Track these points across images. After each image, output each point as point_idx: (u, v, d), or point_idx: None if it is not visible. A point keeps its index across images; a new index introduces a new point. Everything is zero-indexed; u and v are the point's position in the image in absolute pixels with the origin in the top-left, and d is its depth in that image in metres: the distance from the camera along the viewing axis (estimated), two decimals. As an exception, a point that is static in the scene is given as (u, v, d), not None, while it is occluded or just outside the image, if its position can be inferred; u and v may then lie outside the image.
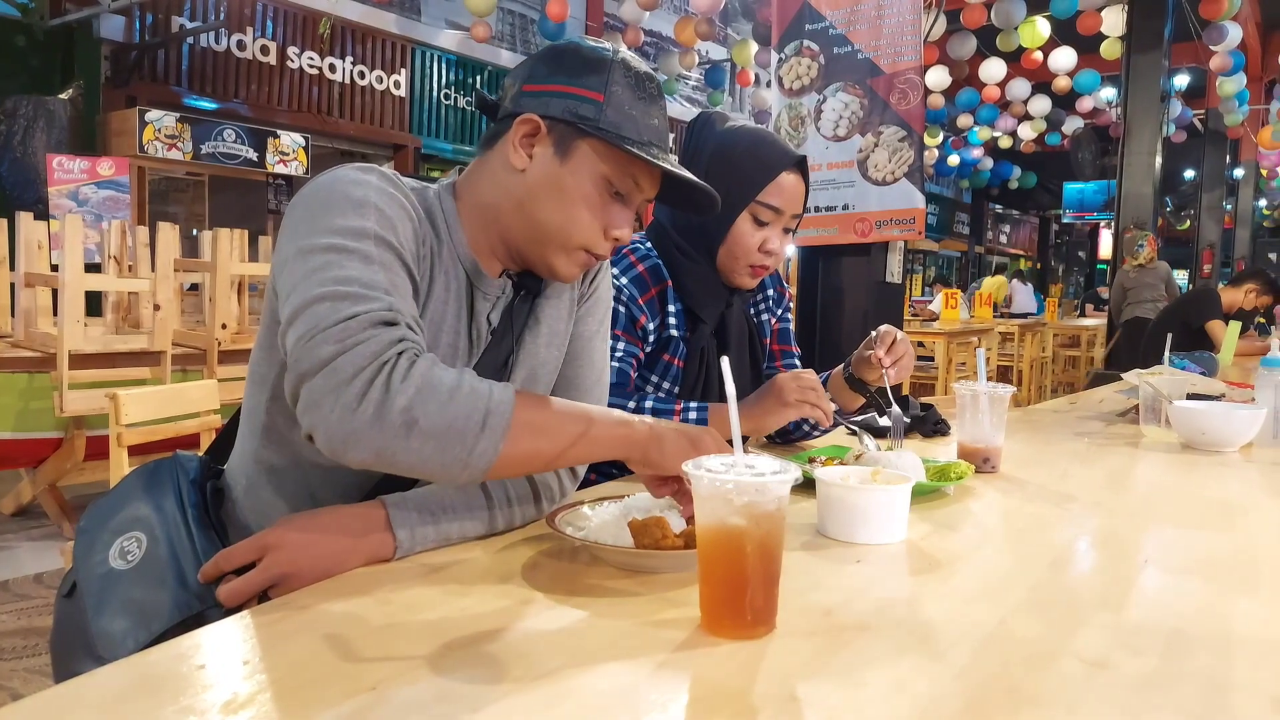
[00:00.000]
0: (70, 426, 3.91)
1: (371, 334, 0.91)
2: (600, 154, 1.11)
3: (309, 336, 0.91)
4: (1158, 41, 7.36)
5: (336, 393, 0.89)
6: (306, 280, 0.95)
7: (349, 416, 0.89)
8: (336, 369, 0.89)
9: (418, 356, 0.92)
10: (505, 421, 0.93)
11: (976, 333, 7.85)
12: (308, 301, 0.93)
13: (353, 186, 1.03)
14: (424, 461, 0.92)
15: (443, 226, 1.15)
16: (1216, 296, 5.56)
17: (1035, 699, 0.70)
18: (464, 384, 0.93)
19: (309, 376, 0.91)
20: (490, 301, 1.19)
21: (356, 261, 0.97)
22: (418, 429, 0.90)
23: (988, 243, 24.73)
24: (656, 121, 1.14)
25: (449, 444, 0.91)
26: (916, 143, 4.34)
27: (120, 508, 1.12)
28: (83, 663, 0.96)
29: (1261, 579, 1.04)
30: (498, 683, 0.71)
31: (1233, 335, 4.13)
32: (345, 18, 9.79)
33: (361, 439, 0.89)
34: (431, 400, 0.90)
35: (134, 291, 4.71)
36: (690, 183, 1.16)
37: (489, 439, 0.92)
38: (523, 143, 1.12)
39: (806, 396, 1.53)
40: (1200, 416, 1.88)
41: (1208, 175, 14.54)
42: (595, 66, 1.11)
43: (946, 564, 1.05)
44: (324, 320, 0.91)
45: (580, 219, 1.13)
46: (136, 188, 8.05)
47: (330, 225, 0.99)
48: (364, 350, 0.90)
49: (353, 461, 0.92)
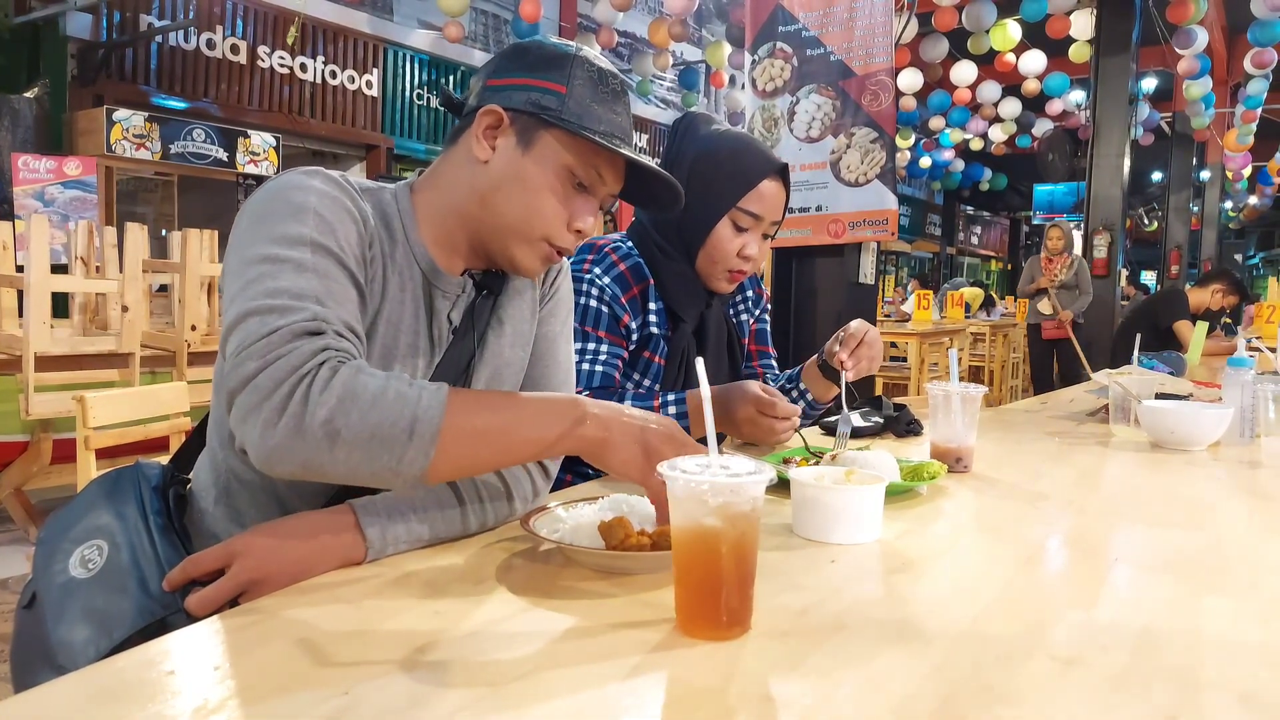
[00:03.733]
0: (37, 429, 3.86)
1: (293, 346, 0.91)
2: (563, 144, 1.12)
3: (237, 353, 0.92)
4: (1126, 45, 7.45)
5: (258, 409, 0.89)
6: (241, 294, 0.95)
7: (270, 432, 0.89)
8: (258, 385, 0.89)
9: (341, 365, 0.91)
10: (434, 428, 0.91)
11: (949, 333, 7.91)
12: (239, 317, 0.94)
13: (293, 192, 1.03)
14: (353, 471, 0.91)
15: (398, 226, 1.15)
16: (1184, 297, 5.63)
17: (1008, 697, 0.70)
18: (389, 390, 0.91)
19: (236, 393, 0.91)
20: (450, 300, 1.18)
21: (289, 271, 0.97)
22: (341, 440, 0.89)
23: (959, 244, 24.94)
24: (619, 117, 1.15)
25: (375, 453, 0.90)
26: (888, 144, 4.36)
27: (81, 517, 1.10)
28: (42, 673, 0.94)
29: (1230, 577, 1.05)
30: (472, 686, 0.70)
31: (1200, 335, 4.18)
32: (317, 17, 9.72)
33: (285, 453, 0.89)
34: (353, 409, 0.89)
35: (101, 293, 4.65)
36: (654, 175, 1.16)
37: (417, 446, 0.91)
38: (486, 134, 1.12)
39: (759, 423, 1.53)
40: (1169, 416, 1.91)
41: (1175, 177, 14.74)
42: (558, 61, 1.12)
43: (920, 563, 1.06)
44: (250, 336, 0.92)
45: (542, 210, 1.13)
46: (104, 188, 7.94)
47: (268, 233, 1.00)
48: (284, 364, 0.89)
49: (282, 475, 0.92)
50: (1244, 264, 23.26)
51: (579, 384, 1.60)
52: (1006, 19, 9.28)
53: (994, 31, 9.34)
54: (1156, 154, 15.86)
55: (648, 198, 1.24)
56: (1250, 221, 21.95)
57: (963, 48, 9.94)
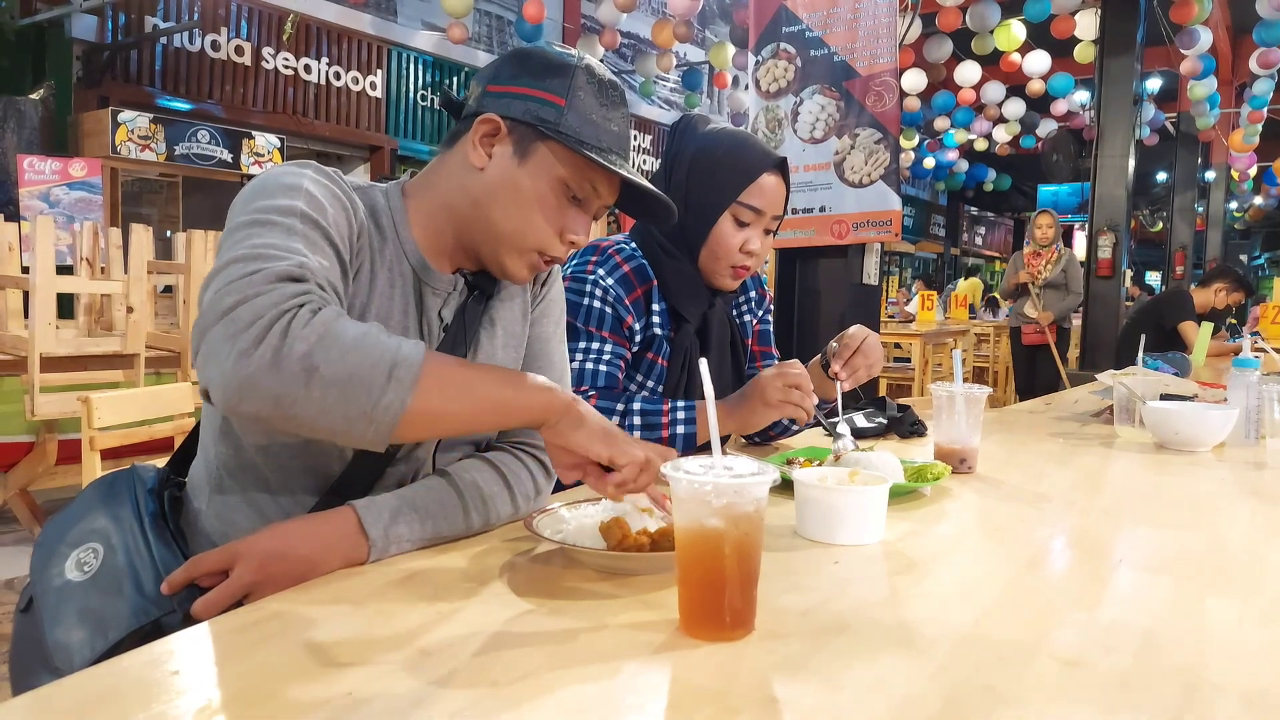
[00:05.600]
0: (42, 430, 3.86)
1: (275, 286, 0.88)
2: (559, 157, 1.12)
3: (214, 293, 0.89)
4: (1130, 45, 7.42)
5: (233, 339, 0.85)
6: (227, 252, 0.94)
7: (244, 361, 0.84)
8: (235, 317, 0.86)
9: (324, 306, 0.89)
10: (414, 374, 0.89)
11: (952, 334, 7.90)
12: (221, 265, 0.92)
13: (285, 175, 1.04)
14: (325, 413, 0.87)
15: (388, 224, 1.15)
16: (1189, 298, 5.61)
17: (1011, 698, 0.70)
18: (370, 333, 0.89)
19: (210, 327, 0.87)
20: (440, 297, 1.18)
21: (277, 232, 0.96)
22: (318, 376, 0.85)
23: (963, 244, 24.91)
24: (617, 128, 1.15)
25: (352, 394, 0.87)
26: (892, 145, 4.36)
27: (77, 520, 1.10)
28: (39, 676, 0.94)
29: (1234, 578, 1.05)
30: (474, 687, 0.70)
31: (1205, 336, 4.18)
32: (320, 18, 9.73)
33: (257, 385, 0.85)
34: (334, 347, 0.86)
35: (106, 294, 4.66)
36: (647, 190, 1.17)
37: (395, 391, 0.88)
38: (482, 142, 1.12)
39: (789, 396, 1.52)
40: (1174, 417, 1.90)
41: (1180, 178, 14.70)
42: (559, 70, 1.12)
43: (923, 564, 1.06)
44: (231, 277, 0.89)
45: (535, 221, 1.13)
46: (109, 189, 7.96)
47: (259, 206, 0.99)
48: (265, 300, 0.87)
49: (248, 412, 0.87)
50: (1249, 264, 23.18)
51: (583, 383, 1.60)
52: (1011, 19, 9.27)
53: (998, 32, 9.33)
54: (1161, 154, 15.83)
55: (642, 209, 1.24)
56: (1255, 222, 21.89)
57: (967, 48, 9.92)
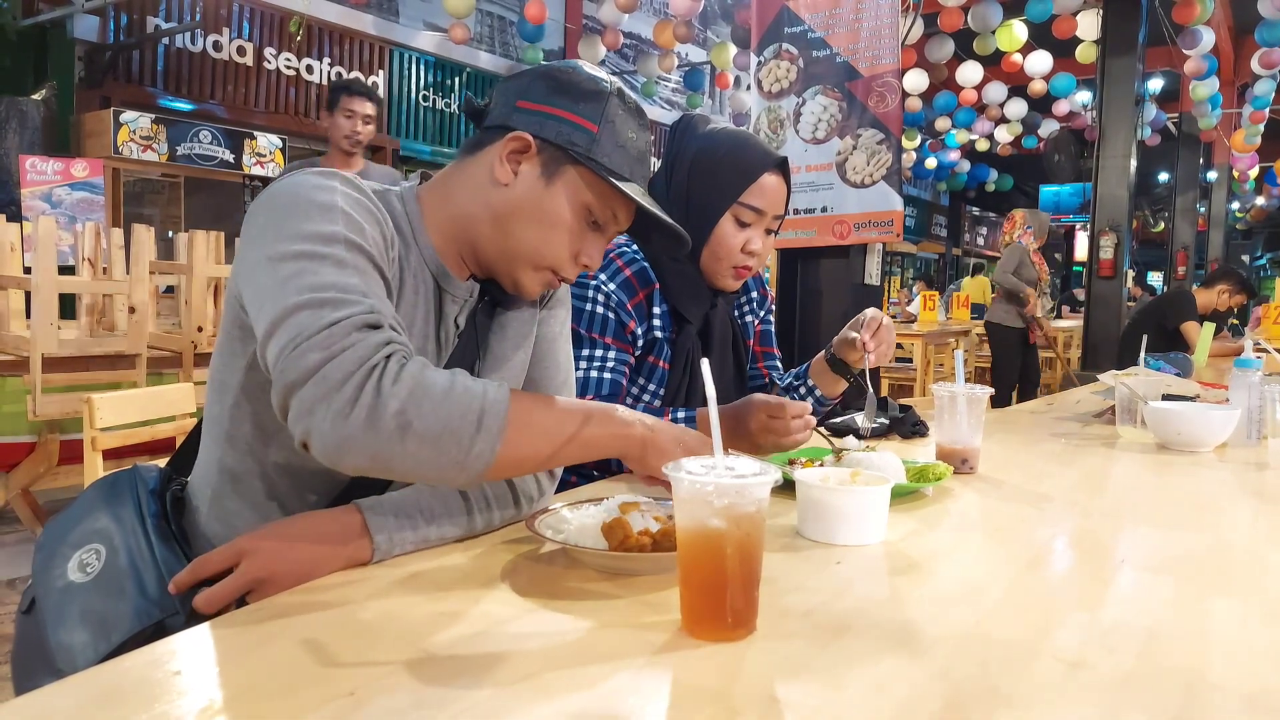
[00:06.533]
0: (44, 430, 3.86)
1: (357, 338, 0.89)
2: (586, 182, 1.12)
3: (293, 346, 0.89)
4: (1132, 46, 7.42)
5: (328, 400, 0.87)
6: (281, 289, 0.93)
7: (342, 423, 0.87)
8: (325, 376, 0.87)
9: (407, 359, 0.91)
10: (501, 421, 0.92)
11: (954, 334, 7.89)
12: (286, 311, 0.91)
13: (317, 191, 1.02)
14: (420, 465, 0.90)
15: (408, 230, 1.15)
16: (1192, 298, 5.61)
17: (1013, 699, 0.70)
18: (457, 384, 0.92)
19: (298, 386, 0.88)
20: (459, 304, 1.19)
21: (330, 267, 0.95)
22: (412, 431, 0.88)
23: (965, 245, 24.89)
24: (640, 151, 1.16)
25: (445, 446, 0.90)
26: (894, 145, 4.36)
27: (79, 521, 1.10)
28: (42, 677, 0.94)
29: (1236, 578, 1.05)
30: (477, 688, 0.70)
31: (1206, 337, 4.17)
32: (322, 19, 9.73)
33: (356, 445, 0.88)
34: (425, 401, 0.89)
35: (108, 294, 4.66)
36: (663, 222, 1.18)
37: (485, 439, 0.91)
38: (510, 158, 1.12)
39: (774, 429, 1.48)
40: (1175, 417, 1.90)
41: (1182, 178, 14.68)
42: (593, 96, 1.12)
43: (925, 565, 1.06)
44: (307, 328, 0.89)
45: (555, 242, 1.13)
46: (111, 189, 7.95)
47: (298, 231, 0.97)
48: (352, 355, 0.88)
49: (348, 468, 0.90)
50: (1251, 265, 23.16)
51: (587, 392, 1.59)
52: (1012, 19, 9.26)
53: (1000, 32, 9.32)
54: (1163, 155, 15.80)
55: (654, 236, 1.27)
56: (1257, 222, 21.86)
57: (969, 48, 9.91)
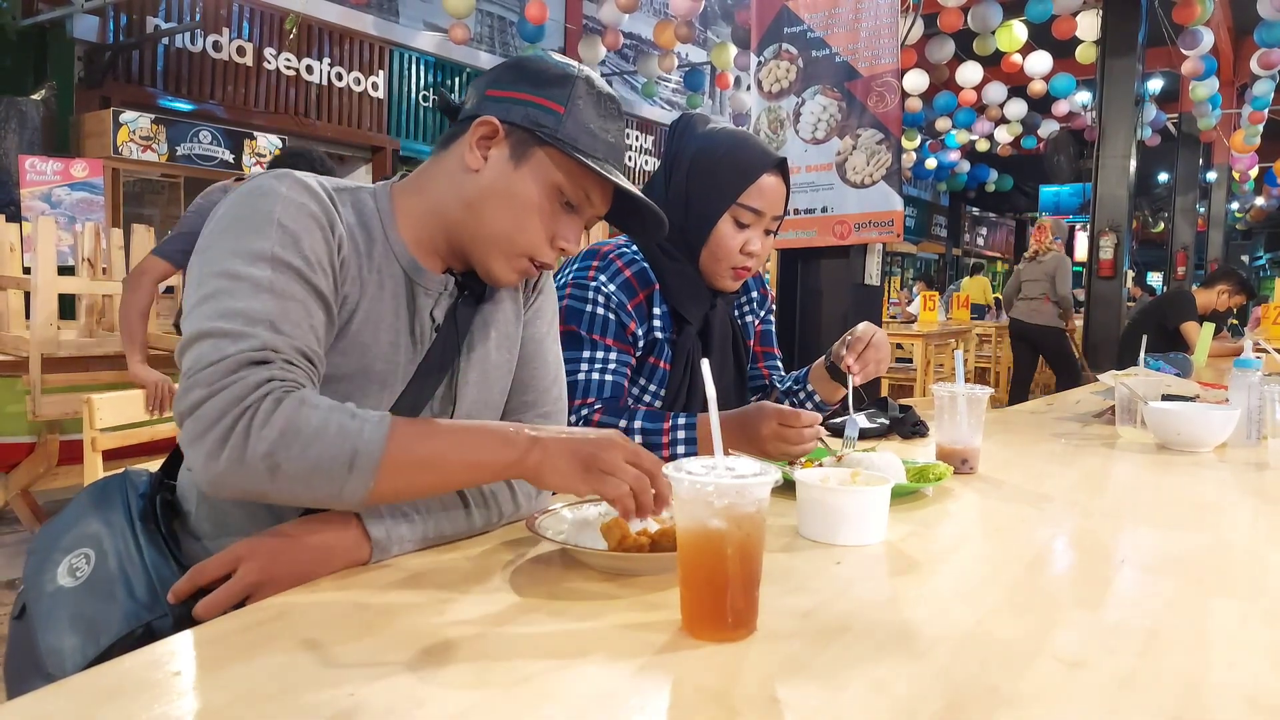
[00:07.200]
0: (43, 431, 3.86)
1: (239, 376, 0.93)
2: (555, 162, 1.13)
3: (186, 377, 0.94)
4: (1132, 46, 7.42)
5: (202, 438, 0.91)
6: (197, 310, 0.97)
7: (213, 462, 0.91)
8: (202, 415, 0.92)
9: (285, 396, 0.93)
10: (374, 461, 0.93)
11: (954, 334, 7.90)
12: (192, 338, 0.96)
13: (259, 199, 1.04)
14: (295, 499, 0.95)
15: (376, 225, 1.15)
16: (1192, 299, 5.61)
17: (1014, 699, 0.70)
18: (330, 424, 0.93)
19: (183, 419, 0.93)
20: (432, 298, 1.18)
21: (245, 291, 0.98)
22: (281, 472, 0.92)
23: (965, 245, 24.90)
24: (613, 140, 1.16)
25: (316, 484, 0.93)
26: (894, 146, 4.35)
27: (70, 526, 1.11)
28: (32, 682, 0.95)
29: (1236, 578, 1.05)
30: (478, 688, 0.70)
31: (1206, 337, 4.17)
32: (322, 19, 9.73)
33: (227, 482, 0.92)
34: (295, 444, 0.92)
35: (108, 294, 4.66)
36: (640, 202, 1.18)
37: (358, 478, 0.93)
38: (479, 144, 1.13)
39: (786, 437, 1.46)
40: (1175, 417, 1.90)
41: (1181, 178, 14.68)
42: (559, 80, 1.13)
43: (925, 565, 1.06)
44: (200, 360, 0.94)
45: (527, 226, 1.14)
46: (110, 189, 7.96)
47: (231, 245, 1.01)
48: (228, 395, 0.92)
49: (225, 499, 0.97)
50: (1251, 265, 23.17)
51: (589, 395, 1.58)
52: (1012, 20, 9.26)
53: (1000, 32, 9.32)
54: (1163, 155, 15.80)
55: (633, 222, 1.26)
56: (1257, 222, 21.87)
57: (968, 49, 9.91)
